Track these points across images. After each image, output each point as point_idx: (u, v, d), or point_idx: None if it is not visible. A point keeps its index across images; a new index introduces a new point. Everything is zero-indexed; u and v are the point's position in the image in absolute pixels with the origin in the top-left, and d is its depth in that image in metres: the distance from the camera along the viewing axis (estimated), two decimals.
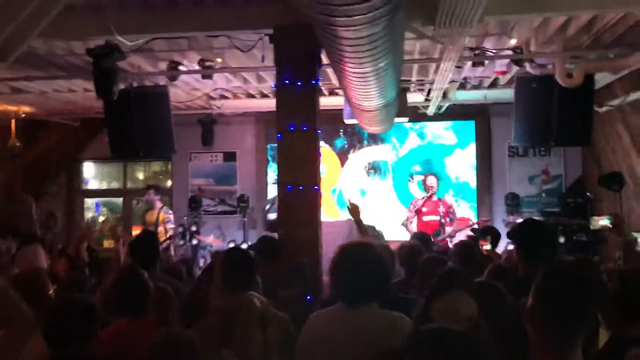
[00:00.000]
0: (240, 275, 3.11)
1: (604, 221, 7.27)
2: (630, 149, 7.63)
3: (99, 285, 4.15)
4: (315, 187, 4.99)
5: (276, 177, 5.16)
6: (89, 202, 11.31)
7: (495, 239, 5.75)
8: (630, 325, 2.55)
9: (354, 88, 4.66)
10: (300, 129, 4.94)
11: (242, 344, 1.99)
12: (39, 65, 6.52)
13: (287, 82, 4.97)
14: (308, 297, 4.34)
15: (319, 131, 5.07)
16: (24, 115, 9.04)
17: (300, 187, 4.94)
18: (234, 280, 3.05)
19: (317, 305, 3.81)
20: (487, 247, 5.69)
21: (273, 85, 5.35)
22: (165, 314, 3.38)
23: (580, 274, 1.82)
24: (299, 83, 4.94)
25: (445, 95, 8.24)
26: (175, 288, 4.23)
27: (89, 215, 11.35)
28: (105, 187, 11.38)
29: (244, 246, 8.66)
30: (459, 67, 6.76)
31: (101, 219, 11.50)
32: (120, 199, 11.03)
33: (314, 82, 5.03)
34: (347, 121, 7.56)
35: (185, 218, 9.07)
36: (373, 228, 8.57)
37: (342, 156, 10.07)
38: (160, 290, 3.50)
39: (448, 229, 7.82)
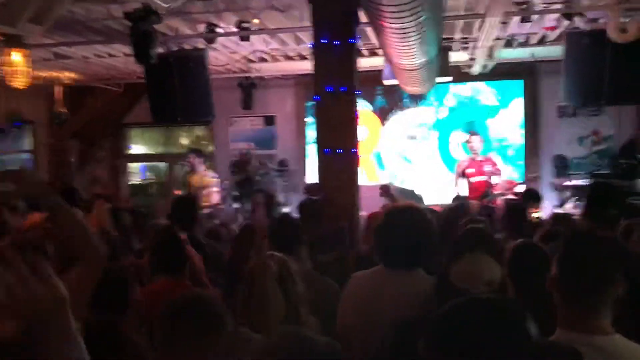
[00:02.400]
0: (285, 240, 3.10)
1: None
2: None
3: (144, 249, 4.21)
4: (354, 150, 4.90)
5: (315, 139, 5.07)
6: (134, 166, 11.53)
7: (540, 203, 5.54)
8: None
9: (394, 46, 4.50)
10: (338, 90, 4.82)
11: (260, 306, 1.97)
12: (79, 31, 6.57)
13: (324, 41, 4.83)
14: None
15: (357, 92, 4.94)
16: (68, 82, 9.20)
17: (339, 150, 4.86)
18: (279, 245, 3.05)
19: (352, 265, 3.78)
20: (535, 214, 5.45)
21: (310, 45, 5.22)
22: (198, 276, 3.41)
23: (603, 238, 1.79)
24: (337, 42, 4.81)
25: (490, 54, 7.95)
26: (215, 250, 4.28)
27: (135, 179, 11.58)
28: (149, 152, 11.56)
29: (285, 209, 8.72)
30: (504, 22, 6.48)
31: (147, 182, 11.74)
32: (163, 164, 11.21)
33: (352, 41, 4.88)
34: (386, 82, 7.38)
35: (226, 182, 9.14)
36: (412, 192, 8.44)
37: (383, 116, 9.90)
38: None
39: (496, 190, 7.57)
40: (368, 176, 9.69)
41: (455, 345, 1.11)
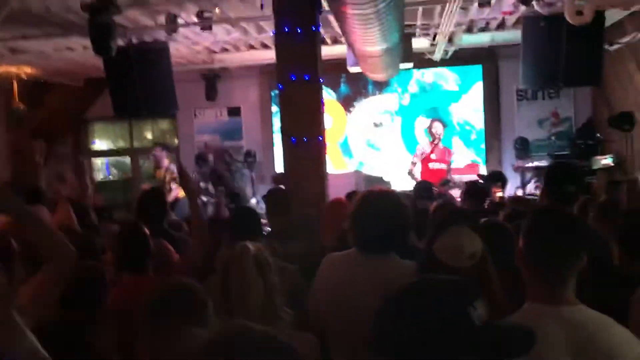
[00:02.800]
0: (245, 229, 3.11)
1: (606, 160, 7.16)
2: None
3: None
4: (320, 138, 4.92)
5: (280, 128, 5.08)
6: (98, 162, 11.34)
7: (504, 184, 5.66)
8: (633, 264, 2.54)
9: (357, 32, 4.54)
10: (302, 78, 4.83)
11: (241, 294, 1.95)
12: (35, 24, 6.40)
13: (286, 29, 4.83)
14: None
15: (321, 80, 4.96)
16: (25, 77, 8.97)
17: (305, 139, 4.87)
18: (239, 234, 3.06)
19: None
20: (499, 193, 5.57)
21: (272, 34, 5.22)
22: (166, 269, 3.38)
23: (568, 215, 1.84)
24: (299, 30, 4.81)
25: (451, 40, 8.05)
26: (187, 243, 4.24)
27: (99, 176, 11.39)
28: (112, 147, 11.37)
29: (253, 201, 8.71)
30: (464, 8, 6.58)
31: (111, 178, 11.55)
32: (128, 159, 11.05)
33: (314, 28, 4.89)
34: (351, 69, 7.42)
35: (193, 174, 9.05)
36: (381, 179, 8.56)
37: (347, 104, 9.94)
38: (161, 246, 3.51)
39: (454, 177, 7.74)
40: (334, 165, 9.74)
41: (398, 331, 1.14)
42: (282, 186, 4.91)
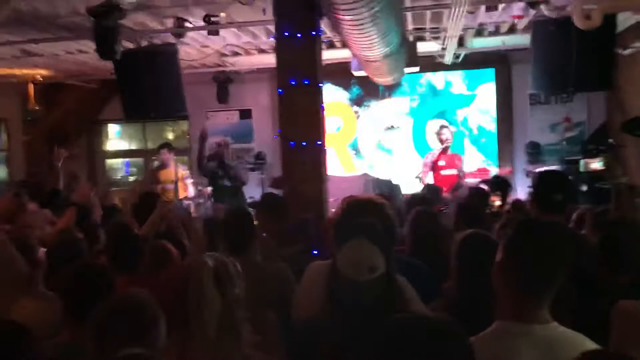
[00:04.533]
0: (238, 237, 3.11)
1: (596, 164, 7.00)
2: None
3: None
4: (319, 142, 4.92)
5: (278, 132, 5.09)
6: (113, 162, 11.47)
7: (505, 192, 5.53)
8: (613, 274, 2.49)
9: (353, 38, 4.52)
10: (301, 83, 4.83)
11: (197, 309, 1.92)
12: (44, 27, 6.51)
13: (286, 34, 4.84)
14: (315, 252, 4.32)
15: (320, 85, 4.95)
16: (41, 79, 9.12)
17: (304, 143, 4.88)
18: (232, 242, 3.07)
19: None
20: (498, 202, 5.47)
21: (271, 38, 5.23)
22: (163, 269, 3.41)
23: (551, 232, 1.75)
24: (299, 35, 4.82)
25: (461, 43, 7.98)
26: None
27: (118, 175, 11.52)
28: (127, 148, 11.49)
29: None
30: (471, 12, 6.51)
31: (131, 179, 11.66)
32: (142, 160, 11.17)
33: (314, 33, 4.89)
34: (356, 73, 7.40)
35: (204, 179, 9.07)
36: (389, 182, 8.51)
37: (359, 105, 9.92)
38: (158, 248, 3.55)
39: (467, 182, 7.65)
40: (344, 167, 9.72)
41: None
42: (276, 191, 4.91)
